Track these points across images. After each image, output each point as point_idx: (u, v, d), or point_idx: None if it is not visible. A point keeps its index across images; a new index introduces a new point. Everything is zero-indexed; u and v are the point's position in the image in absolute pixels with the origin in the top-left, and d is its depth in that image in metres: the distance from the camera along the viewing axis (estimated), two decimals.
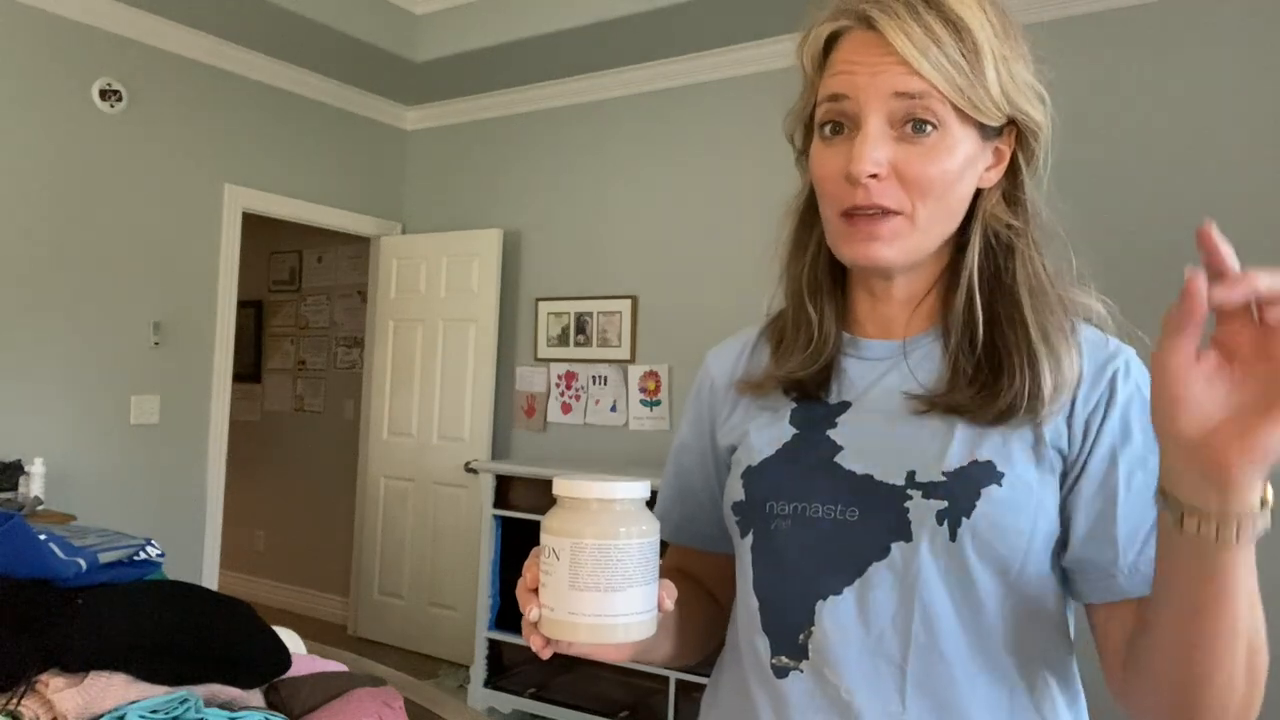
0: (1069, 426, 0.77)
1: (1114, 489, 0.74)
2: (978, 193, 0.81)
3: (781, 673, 0.79)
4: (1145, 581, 0.72)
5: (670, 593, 0.69)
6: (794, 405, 0.85)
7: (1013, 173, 0.82)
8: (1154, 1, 3.01)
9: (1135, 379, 0.77)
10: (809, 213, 0.87)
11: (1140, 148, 3.02)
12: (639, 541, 0.66)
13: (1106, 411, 0.76)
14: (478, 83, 4.35)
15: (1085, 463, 0.75)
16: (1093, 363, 0.78)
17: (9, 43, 3.35)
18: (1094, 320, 0.81)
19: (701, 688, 0.97)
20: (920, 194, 0.75)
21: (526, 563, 0.70)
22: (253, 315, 5.65)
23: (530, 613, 0.68)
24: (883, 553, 0.75)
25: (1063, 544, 0.77)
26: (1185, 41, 2.96)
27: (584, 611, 0.66)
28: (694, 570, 0.96)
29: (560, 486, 0.68)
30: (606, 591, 0.65)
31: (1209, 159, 2.91)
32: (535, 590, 0.68)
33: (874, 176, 0.74)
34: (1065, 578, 0.78)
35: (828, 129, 0.78)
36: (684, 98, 3.98)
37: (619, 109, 4.16)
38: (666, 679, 3.33)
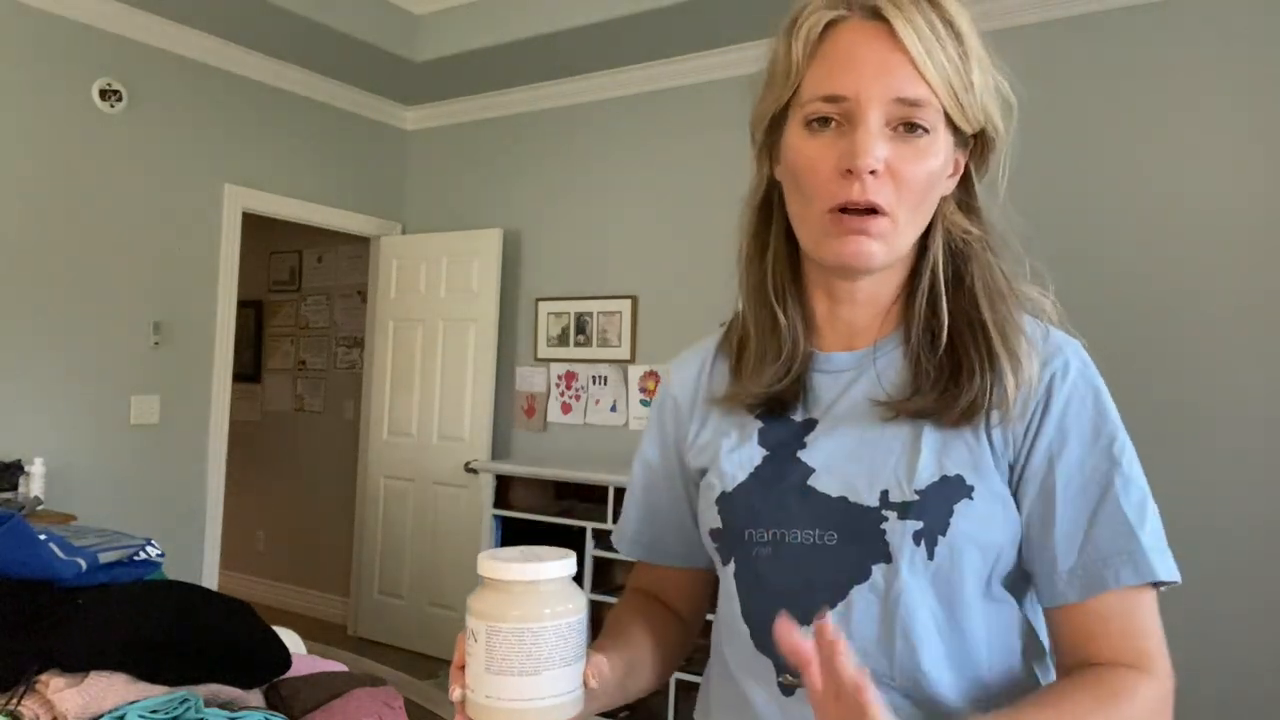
0: (1010, 434, 0.77)
1: (1051, 494, 0.75)
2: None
3: (789, 691, 0.79)
4: (1082, 587, 0.73)
5: (597, 670, 0.69)
6: (761, 425, 0.85)
7: (964, 182, 0.82)
8: (1123, 7, 3.01)
9: (1073, 376, 0.77)
10: (767, 208, 0.86)
11: (1104, 155, 3.02)
12: (558, 623, 0.65)
13: (1043, 417, 0.76)
14: (478, 83, 4.35)
15: (1024, 469, 0.76)
16: (1035, 364, 0.78)
17: (9, 43, 3.35)
18: (1042, 319, 0.82)
19: None
20: (907, 194, 0.75)
21: (458, 640, 0.70)
22: (253, 315, 5.65)
23: (453, 693, 0.67)
24: (863, 575, 0.76)
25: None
26: (1155, 45, 2.96)
27: (501, 695, 0.64)
28: (662, 588, 0.95)
29: (482, 566, 0.66)
30: (522, 675, 0.64)
31: (1178, 168, 2.91)
32: (463, 668, 0.68)
33: (873, 173, 0.73)
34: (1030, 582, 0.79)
35: (815, 123, 0.76)
36: (684, 98, 3.98)
37: (619, 109, 4.16)
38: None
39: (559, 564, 0.66)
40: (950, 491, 0.75)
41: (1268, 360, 2.79)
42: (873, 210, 0.74)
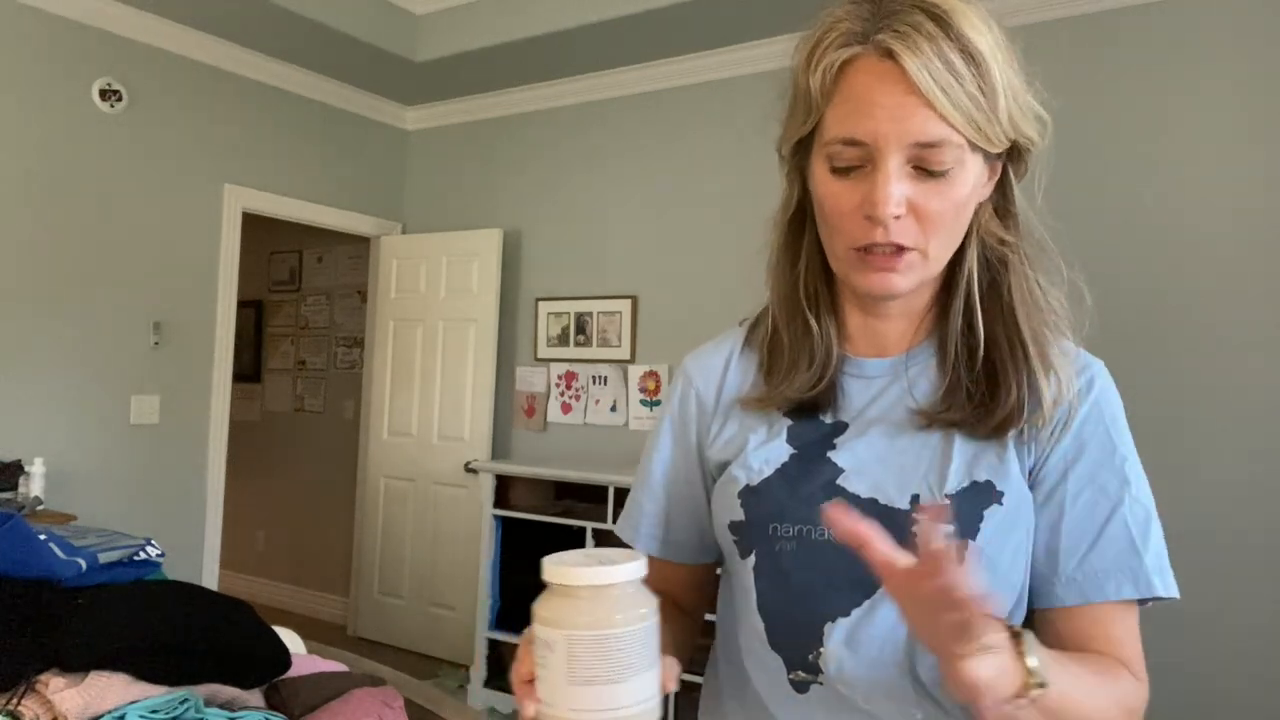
0: (1034, 442, 0.79)
1: (1061, 503, 0.78)
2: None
3: (802, 687, 0.79)
4: (1077, 591, 0.76)
5: (673, 672, 0.67)
6: (789, 423, 0.85)
7: (1002, 187, 0.82)
8: (1131, 6, 3.01)
9: (1096, 394, 0.80)
10: (798, 221, 0.86)
11: (1110, 153, 3.02)
12: (638, 627, 0.63)
13: (1064, 429, 0.78)
14: (478, 83, 4.35)
15: (1038, 475, 0.79)
16: (1071, 380, 0.80)
17: (9, 43, 3.35)
18: (1065, 330, 0.83)
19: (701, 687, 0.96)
20: (934, 229, 0.75)
21: (519, 649, 0.66)
22: (253, 315, 5.65)
23: (527, 709, 0.64)
24: None
25: None
26: (1163, 46, 2.96)
27: (585, 707, 0.61)
28: (671, 586, 0.93)
29: (552, 572, 0.63)
30: (607, 684, 0.61)
31: (1182, 165, 2.91)
32: (531, 681, 0.64)
33: (896, 217, 0.73)
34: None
35: (837, 161, 0.76)
36: (684, 98, 3.98)
37: (619, 109, 4.16)
38: None
39: (636, 565, 0.63)
40: (980, 497, 0.76)
41: (1271, 359, 2.79)
42: (901, 248, 0.75)
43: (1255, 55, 2.86)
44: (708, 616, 0.96)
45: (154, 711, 1.31)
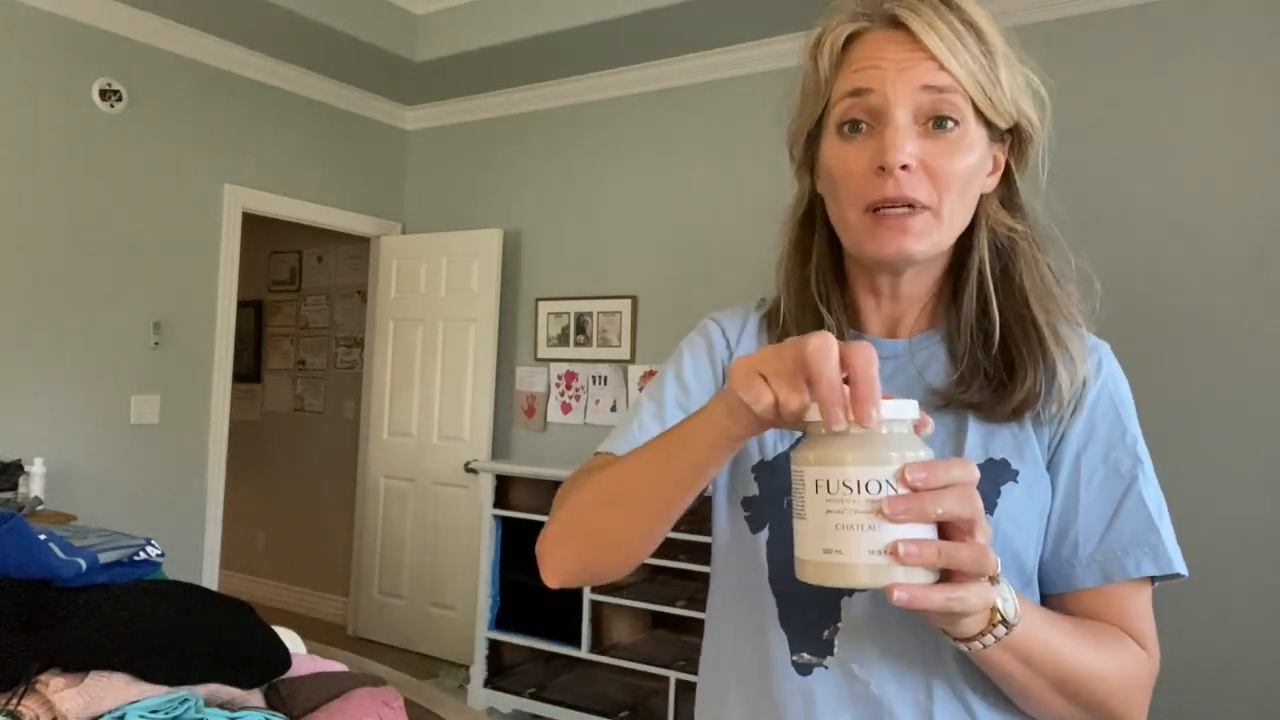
0: (1047, 425, 0.80)
1: (1076, 485, 0.78)
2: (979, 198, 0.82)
3: (805, 670, 0.79)
4: (1098, 571, 0.76)
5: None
6: None
7: (1006, 180, 0.84)
8: (1134, 6, 3.01)
9: (1104, 377, 0.81)
10: (809, 219, 0.88)
11: (1118, 151, 3.02)
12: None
13: (1075, 412, 0.79)
14: (478, 83, 4.35)
15: (1050, 458, 0.79)
16: (1086, 362, 0.81)
17: (9, 43, 3.35)
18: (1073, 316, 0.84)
19: None
20: (945, 187, 0.76)
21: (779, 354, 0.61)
22: (253, 315, 5.65)
23: (836, 419, 0.57)
24: None
25: None
26: (1166, 46, 2.96)
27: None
28: None
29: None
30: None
31: (1180, 164, 2.91)
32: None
33: (905, 168, 0.74)
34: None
35: (846, 127, 0.78)
36: (684, 98, 3.98)
37: (619, 109, 4.16)
38: (666, 679, 3.33)
39: (911, 404, 0.60)
40: (997, 473, 0.77)
41: (1269, 359, 2.79)
42: (910, 206, 0.76)
43: (1255, 54, 2.86)
44: (699, 615, 0.95)
45: (154, 711, 1.31)
